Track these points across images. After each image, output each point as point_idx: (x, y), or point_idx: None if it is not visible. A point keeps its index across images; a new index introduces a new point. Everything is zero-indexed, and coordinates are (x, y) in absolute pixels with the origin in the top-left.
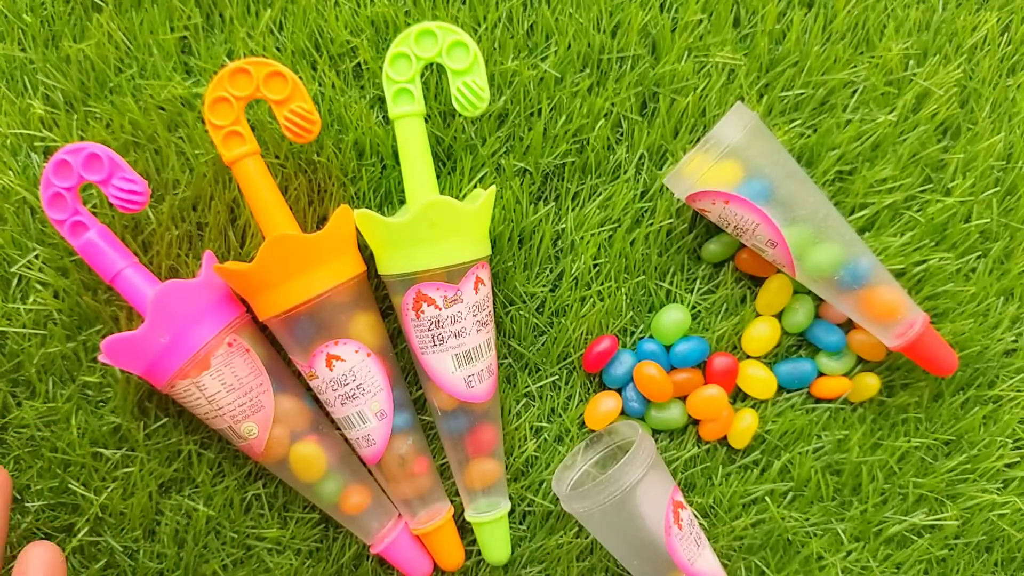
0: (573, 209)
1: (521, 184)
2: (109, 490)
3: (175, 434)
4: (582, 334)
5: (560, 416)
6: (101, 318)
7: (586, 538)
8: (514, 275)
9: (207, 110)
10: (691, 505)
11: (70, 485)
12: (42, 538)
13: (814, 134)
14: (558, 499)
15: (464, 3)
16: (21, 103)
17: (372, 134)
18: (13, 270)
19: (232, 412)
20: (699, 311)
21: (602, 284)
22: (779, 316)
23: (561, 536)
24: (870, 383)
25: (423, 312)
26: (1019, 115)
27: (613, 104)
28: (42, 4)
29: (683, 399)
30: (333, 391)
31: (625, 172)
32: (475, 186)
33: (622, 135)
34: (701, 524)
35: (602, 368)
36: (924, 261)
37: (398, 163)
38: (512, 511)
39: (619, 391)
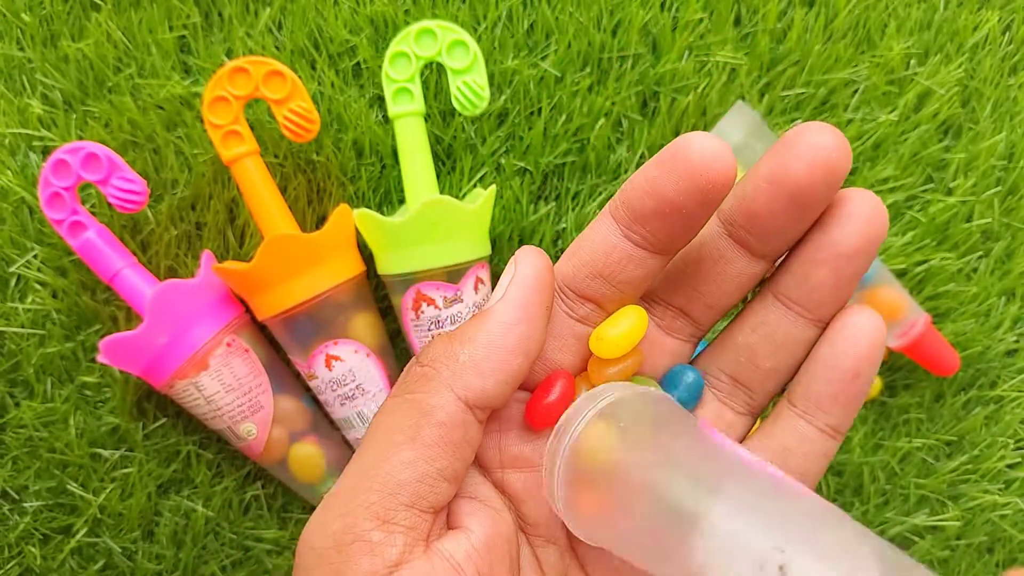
0: (573, 209)
1: (521, 184)
2: (108, 491)
3: (174, 434)
4: None
5: None
6: (100, 318)
7: None
8: None
9: (206, 109)
10: None
11: (68, 486)
12: (40, 539)
13: None
14: None
15: (464, 2)
16: (19, 102)
17: (371, 133)
18: (11, 270)
19: (231, 412)
20: None
21: None
22: None
23: None
24: (872, 383)
25: (423, 312)
26: (1020, 115)
27: (614, 103)
28: (40, 3)
29: None
30: (332, 391)
31: (626, 172)
32: (475, 186)
33: (623, 134)
34: None
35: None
36: (926, 261)
37: (397, 162)
38: None
39: None
